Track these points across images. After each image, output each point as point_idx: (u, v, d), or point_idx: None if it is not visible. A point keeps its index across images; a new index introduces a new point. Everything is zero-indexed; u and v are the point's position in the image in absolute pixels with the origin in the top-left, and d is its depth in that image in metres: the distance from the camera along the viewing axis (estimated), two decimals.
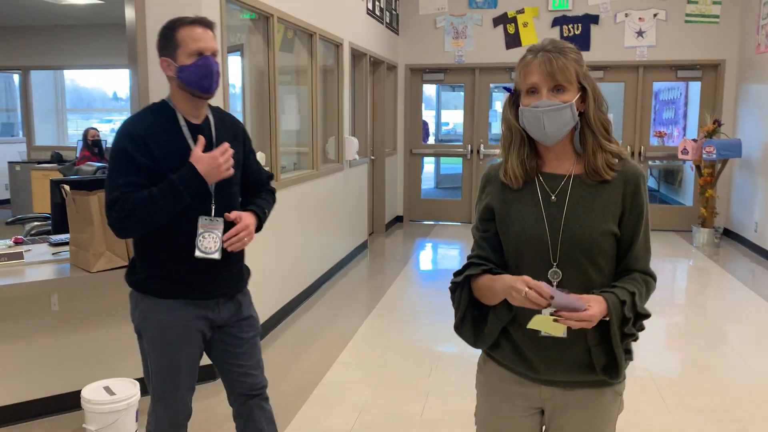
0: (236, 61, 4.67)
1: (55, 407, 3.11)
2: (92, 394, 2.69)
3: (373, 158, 7.76)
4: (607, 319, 1.43)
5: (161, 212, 1.92)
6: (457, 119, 9.10)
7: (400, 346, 4.21)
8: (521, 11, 8.15)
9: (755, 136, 7.12)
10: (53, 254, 3.10)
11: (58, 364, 3.12)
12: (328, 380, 3.62)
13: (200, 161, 1.94)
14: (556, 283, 1.48)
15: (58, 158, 8.15)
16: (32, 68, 9.08)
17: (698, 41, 7.83)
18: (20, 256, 2.94)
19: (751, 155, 7.17)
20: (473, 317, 1.59)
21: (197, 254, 1.99)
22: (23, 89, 9.17)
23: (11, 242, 3.26)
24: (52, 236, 3.36)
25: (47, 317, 3.07)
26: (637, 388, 3.50)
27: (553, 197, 1.52)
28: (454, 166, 10.29)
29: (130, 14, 3.05)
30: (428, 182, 11.48)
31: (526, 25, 8.15)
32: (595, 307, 1.40)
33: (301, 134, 5.49)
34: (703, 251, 7.09)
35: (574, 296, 1.39)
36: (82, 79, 10.48)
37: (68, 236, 2.98)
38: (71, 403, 3.08)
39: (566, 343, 1.49)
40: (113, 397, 2.67)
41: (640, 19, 7.91)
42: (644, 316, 1.49)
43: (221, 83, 2.24)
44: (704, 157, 7.07)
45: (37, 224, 4.07)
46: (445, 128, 13.53)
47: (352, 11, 6.29)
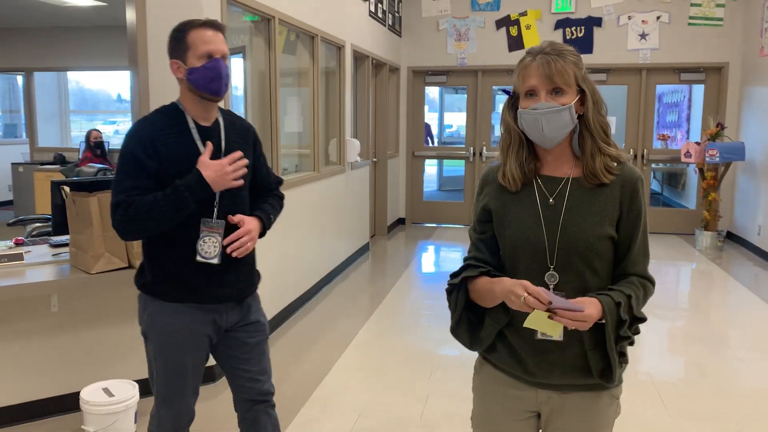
0: (238, 63, 4.67)
1: (54, 408, 3.11)
2: (91, 395, 2.69)
3: (375, 160, 7.76)
4: (602, 321, 1.42)
5: (165, 217, 1.90)
6: (460, 121, 9.10)
7: (400, 348, 4.20)
8: (524, 13, 8.14)
9: (758, 139, 7.10)
10: (53, 255, 3.11)
11: (57, 365, 3.12)
12: (327, 383, 3.61)
13: (208, 168, 1.92)
14: (552, 286, 1.48)
15: (60, 159, 8.17)
16: (36, 70, 9.12)
17: (701, 44, 7.82)
18: (20, 257, 2.95)
19: (754, 158, 7.15)
20: (469, 320, 1.58)
21: (197, 258, 1.98)
22: (27, 91, 9.20)
23: (12, 243, 3.27)
24: (52, 237, 3.36)
25: (47, 318, 3.07)
26: (637, 391, 3.48)
27: (551, 200, 1.51)
28: (456, 168, 10.29)
29: (130, 16, 3.06)
30: (431, 185, 11.48)
31: (528, 27, 8.14)
32: (590, 308, 1.39)
33: (302, 136, 5.49)
34: (706, 254, 7.07)
35: (572, 301, 1.39)
36: (86, 80, 10.51)
37: (68, 237, 2.98)
38: (70, 404, 3.08)
39: (562, 346, 1.49)
40: (112, 398, 2.67)
41: (643, 21, 7.89)
42: (640, 319, 1.48)
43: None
44: (707, 160, 7.05)
45: (38, 225, 4.08)
46: (448, 130, 13.54)
47: (354, 13, 6.29)
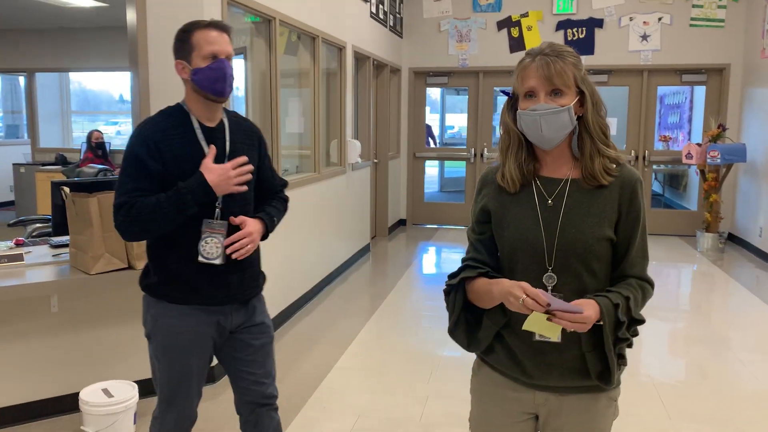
0: (239, 64, 4.68)
1: (53, 409, 3.11)
2: (90, 396, 2.69)
3: (376, 161, 7.76)
4: (600, 323, 1.42)
5: (167, 219, 1.90)
6: (462, 123, 9.09)
7: (400, 349, 4.20)
8: (525, 15, 8.14)
9: (760, 140, 7.09)
10: (53, 256, 3.11)
11: (57, 365, 3.12)
12: (327, 384, 3.61)
13: (211, 171, 1.92)
14: (551, 287, 1.47)
15: (62, 160, 8.18)
16: (37, 71, 9.14)
17: (703, 45, 7.81)
18: (20, 257, 2.95)
19: (755, 160, 7.14)
20: (467, 321, 1.58)
21: (200, 259, 1.97)
22: (28, 91, 9.21)
23: (12, 244, 3.28)
24: (52, 238, 3.36)
25: (47, 319, 3.07)
26: (637, 393, 3.48)
27: (549, 201, 1.51)
28: (458, 169, 10.29)
29: (131, 17, 3.06)
30: (433, 186, 11.48)
31: (530, 28, 8.14)
32: (588, 309, 1.39)
33: (303, 137, 5.49)
34: (707, 256, 7.06)
35: (570, 303, 1.38)
36: (88, 81, 10.53)
37: (68, 238, 2.98)
38: (70, 405, 3.08)
39: (560, 348, 1.48)
40: (111, 399, 2.67)
41: (644, 23, 7.89)
42: (639, 321, 1.47)
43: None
44: (708, 161, 7.04)
45: (38, 226, 4.08)
46: (450, 131, 13.54)
47: (355, 14, 6.29)
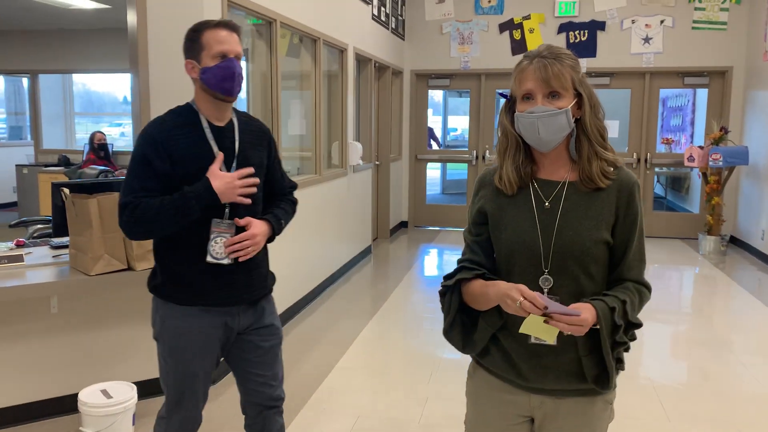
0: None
1: (52, 410, 3.12)
2: (89, 397, 2.69)
3: (377, 163, 7.76)
4: (596, 327, 1.42)
5: (169, 222, 1.90)
6: (465, 125, 9.09)
7: (400, 351, 4.20)
8: (527, 17, 8.14)
9: (762, 143, 7.07)
10: (54, 257, 3.11)
11: (56, 366, 3.13)
12: (327, 385, 3.61)
13: (217, 178, 1.92)
14: (547, 290, 1.47)
15: (65, 161, 8.20)
16: (41, 72, 9.17)
17: (705, 48, 7.80)
18: (20, 258, 2.96)
19: (758, 162, 7.12)
20: (462, 322, 1.58)
21: (208, 259, 1.97)
22: (32, 93, 9.24)
23: (13, 245, 3.28)
24: (53, 239, 3.37)
25: (46, 320, 3.08)
26: (637, 395, 3.46)
27: (546, 204, 1.51)
28: (460, 171, 10.28)
29: (131, 19, 3.07)
30: (435, 188, 11.47)
31: (532, 31, 8.14)
32: (585, 313, 1.39)
33: (304, 139, 5.50)
34: (709, 259, 7.05)
35: (568, 307, 1.38)
36: (92, 83, 10.55)
37: (69, 239, 2.99)
38: (69, 405, 3.08)
39: (556, 350, 1.48)
40: (110, 400, 2.67)
41: (646, 25, 7.88)
42: (636, 325, 1.47)
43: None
44: (710, 164, 7.03)
45: (40, 227, 4.09)
46: (453, 134, 13.55)
47: (356, 17, 6.30)
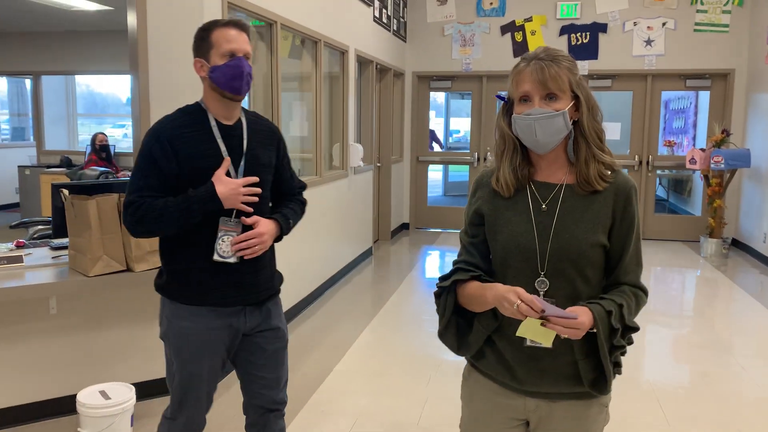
0: None
1: (52, 410, 3.12)
2: (87, 398, 2.69)
3: (379, 165, 7.76)
4: (593, 330, 1.41)
5: (172, 223, 1.90)
6: (467, 127, 9.11)
7: (400, 353, 4.19)
8: (529, 19, 8.14)
9: (764, 146, 7.06)
10: (53, 258, 3.12)
11: (55, 367, 3.13)
12: (326, 387, 3.61)
13: (222, 184, 1.91)
14: (543, 292, 1.47)
15: (67, 162, 8.22)
16: (43, 73, 9.20)
17: (707, 50, 7.79)
18: (20, 259, 2.96)
19: (760, 165, 7.11)
20: (458, 324, 1.57)
21: (215, 257, 1.96)
22: (35, 94, 9.27)
23: (13, 245, 3.29)
24: (53, 240, 3.38)
25: (45, 321, 3.08)
26: (636, 398, 3.45)
27: (543, 206, 1.51)
28: (462, 173, 10.28)
29: (132, 20, 3.07)
30: (437, 190, 11.47)
31: (533, 33, 8.14)
32: (582, 316, 1.38)
33: (305, 140, 5.50)
34: (710, 262, 7.03)
35: (565, 311, 1.38)
36: (96, 84, 10.59)
37: (68, 240, 2.99)
38: (68, 406, 3.07)
39: (552, 354, 1.47)
40: (108, 401, 2.67)
41: (648, 27, 7.87)
42: (633, 329, 1.47)
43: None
44: (712, 166, 7.01)
45: (40, 228, 4.10)
46: (456, 136, 13.56)
47: (358, 18, 6.30)
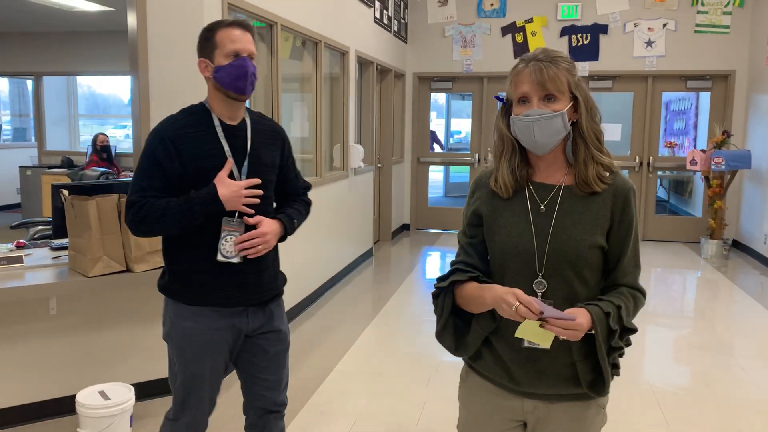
0: None
1: (51, 411, 3.13)
2: (86, 398, 2.69)
3: (379, 166, 7.76)
4: (592, 332, 1.41)
5: (173, 224, 1.91)
6: (469, 128, 9.13)
7: (399, 354, 4.19)
8: (530, 20, 8.14)
9: (765, 147, 7.05)
10: (53, 258, 3.12)
11: (55, 367, 3.13)
12: (325, 388, 3.61)
13: (224, 186, 1.92)
14: (540, 293, 1.47)
15: (68, 163, 8.23)
16: (45, 74, 9.21)
17: (708, 51, 7.79)
18: (20, 259, 2.97)
19: (761, 166, 7.10)
20: (455, 325, 1.57)
21: (218, 257, 1.96)
22: (36, 95, 9.28)
23: (13, 246, 3.29)
24: (53, 240, 3.38)
25: (45, 321, 3.09)
26: (635, 400, 3.44)
27: (542, 207, 1.51)
28: (463, 174, 10.27)
29: (132, 21, 3.08)
30: (437, 191, 11.47)
31: (534, 34, 8.14)
32: (580, 317, 1.38)
33: (305, 141, 5.50)
34: (711, 263, 7.02)
35: (563, 312, 1.38)
36: (97, 85, 10.60)
37: (68, 241, 2.99)
38: (68, 406, 3.08)
39: (550, 355, 1.47)
40: (107, 401, 2.67)
41: (649, 29, 7.87)
42: (631, 330, 1.47)
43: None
44: (713, 168, 7.01)
45: (41, 228, 4.11)
46: (457, 137, 13.56)
47: (358, 20, 6.30)
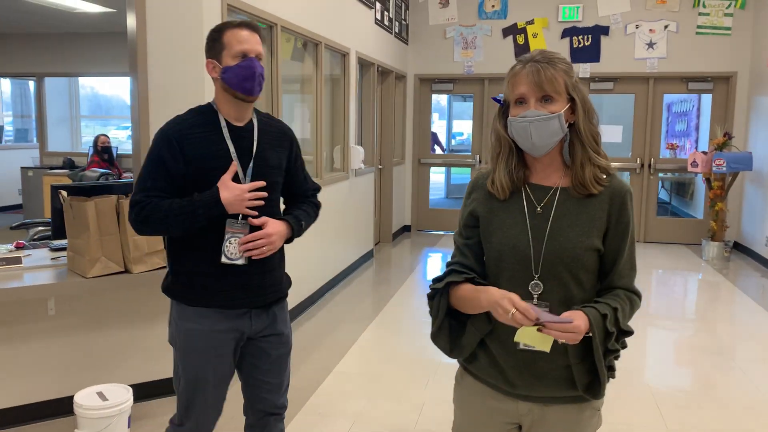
0: None
1: (50, 412, 3.13)
2: (85, 399, 2.69)
3: (380, 167, 7.76)
4: (589, 334, 1.41)
5: (176, 226, 1.91)
6: (470, 129, 9.14)
7: (398, 356, 4.19)
8: (531, 22, 8.14)
9: (766, 149, 7.04)
10: (52, 259, 3.13)
11: (53, 368, 3.13)
12: (324, 389, 3.60)
13: (227, 189, 1.91)
14: (536, 295, 1.46)
15: (70, 164, 8.24)
16: (46, 75, 9.22)
17: (709, 53, 7.78)
18: (19, 260, 2.97)
19: (762, 168, 7.09)
20: (450, 326, 1.57)
21: (222, 259, 1.95)
22: (38, 96, 9.29)
23: (12, 247, 3.30)
24: (53, 241, 3.38)
25: (44, 322, 3.09)
26: (635, 403, 3.43)
27: (538, 209, 1.50)
28: (465, 176, 10.27)
29: (131, 22, 3.08)
30: (439, 192, 11.46)
31: (535, 35, 8.13)
32: (578, 320, 1.38)
33: (306, 143, 5.50)
34: (712, 265, 7.01)
35: (560, 316, 1.37)
36: (100, 86, 10.63)
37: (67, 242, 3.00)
38: (66, 407, 3.07)
39: (545, 358, 1.47)
40: (105, 402, 2.67)
41: (650, 30, 7.86)
42: (627, 332, 1.46)
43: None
44: (714, 169, 7.00)
45: (41, 229, 4.11)
46: (459, 138, 13.56)
47: (359, 21, 6.31)
